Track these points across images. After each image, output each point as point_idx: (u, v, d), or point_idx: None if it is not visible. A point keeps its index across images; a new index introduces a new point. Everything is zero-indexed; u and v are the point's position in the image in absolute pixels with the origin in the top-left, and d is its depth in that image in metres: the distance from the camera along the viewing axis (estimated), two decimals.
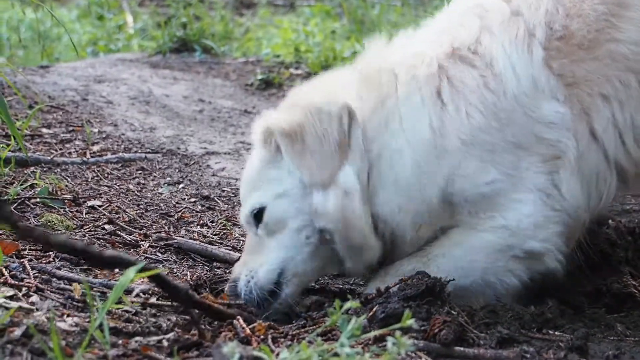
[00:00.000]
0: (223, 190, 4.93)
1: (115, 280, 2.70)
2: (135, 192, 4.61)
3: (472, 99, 2.98)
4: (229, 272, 3.36)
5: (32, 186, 4.12)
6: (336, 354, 2.12)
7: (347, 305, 2.21)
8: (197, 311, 2.61)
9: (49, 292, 2.76)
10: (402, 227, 3.07)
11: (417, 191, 3.01)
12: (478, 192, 2.97)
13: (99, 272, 3.13)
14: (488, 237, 2.97)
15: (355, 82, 3.23)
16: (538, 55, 2.97)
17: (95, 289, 2.89)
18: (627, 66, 2.94)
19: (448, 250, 3.01)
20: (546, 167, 2.97)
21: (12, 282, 2.75)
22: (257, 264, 3.10)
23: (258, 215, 3.12)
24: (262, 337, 2.54)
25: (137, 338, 2.44)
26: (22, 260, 3.04)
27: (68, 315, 2.52)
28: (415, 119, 3.03)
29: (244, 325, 2.60)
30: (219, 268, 3.63)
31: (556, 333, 2.77)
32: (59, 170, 4.68)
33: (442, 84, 3.02)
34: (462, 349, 2.50)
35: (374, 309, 2.67)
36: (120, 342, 2.36)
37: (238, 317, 2.69)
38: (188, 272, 3.42)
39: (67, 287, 2.83)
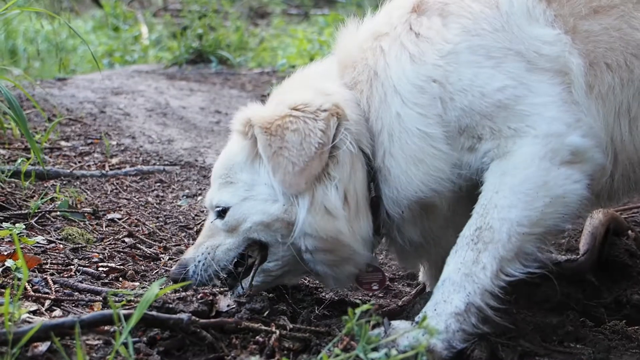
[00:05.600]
0: None
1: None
2: (154, 204, 4.63)
3: (454, 10, 2.72)
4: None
5: (52, 199, 4.15)
6: None
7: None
8: (209, 334, 2.49)
9: (71, 306, 2.78)
10: (425, 193, 2.73)
11: (424, 144, 2.67)
12: (491, 100, 2.62)
13: (120, 286, 3.15)
14: (527, 150, 2.59)
15: (337, 68, 3.02)
16: None
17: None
18: (634, 53, 2.72)
19: (498, 185, 2.60)
20: (559, 79, 2.66)
21: (35, 296, 2.78)
22: (215, 244, 2.95)
23: (221, 213, 2.95)
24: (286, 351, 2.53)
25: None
26: (44, 274, 3.06)
27: None
28: (396, 62, 2.74)
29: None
30: None
31: (577, 346, 2.77)
32: (78, 183, 4.72)
33: (415, 14, 2.77)
34: None
35: None
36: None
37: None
38: None
39: (89, 300, 2.86)
